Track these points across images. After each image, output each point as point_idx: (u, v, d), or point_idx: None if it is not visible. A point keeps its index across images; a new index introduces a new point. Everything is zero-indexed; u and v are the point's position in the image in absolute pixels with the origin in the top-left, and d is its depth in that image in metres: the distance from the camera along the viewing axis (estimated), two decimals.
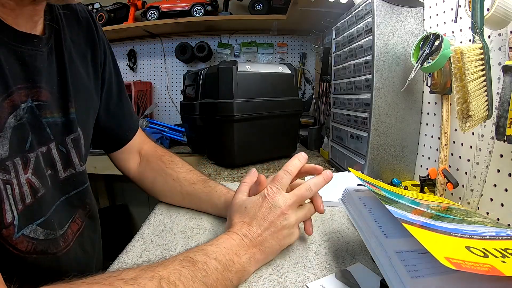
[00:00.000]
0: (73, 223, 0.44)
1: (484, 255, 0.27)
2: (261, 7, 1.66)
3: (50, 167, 0.41)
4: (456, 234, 0.31)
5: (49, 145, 0.40)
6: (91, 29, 0.50)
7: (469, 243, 0.29)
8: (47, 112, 0.40)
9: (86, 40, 0.50)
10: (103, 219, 0.55)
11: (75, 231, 0.44)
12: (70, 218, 0.44)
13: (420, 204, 0.43)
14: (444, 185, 0.62)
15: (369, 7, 0.74)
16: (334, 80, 1.04)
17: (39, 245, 0.37)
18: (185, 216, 0.60)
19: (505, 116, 0.45)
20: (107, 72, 0.55)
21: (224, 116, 0.97)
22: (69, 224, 0.43)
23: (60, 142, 0.42)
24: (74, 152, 0.44)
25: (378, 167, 0.76)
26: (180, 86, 1.79)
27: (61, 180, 0.42)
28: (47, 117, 0.40)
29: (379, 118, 0.75)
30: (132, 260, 0.46)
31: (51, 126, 0.41)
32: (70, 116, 0.43)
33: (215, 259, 0.36)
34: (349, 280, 0.40)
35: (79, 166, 0.45)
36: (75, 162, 0.44)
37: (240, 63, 1.01)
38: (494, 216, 0.53)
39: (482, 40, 0.49)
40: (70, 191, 0.44)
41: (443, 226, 0.33)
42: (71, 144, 0.44)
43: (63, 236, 0.41)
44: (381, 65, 0.73)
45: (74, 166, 0.44)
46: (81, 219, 0.46)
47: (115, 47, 2.00)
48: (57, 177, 0.42)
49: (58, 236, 0.40)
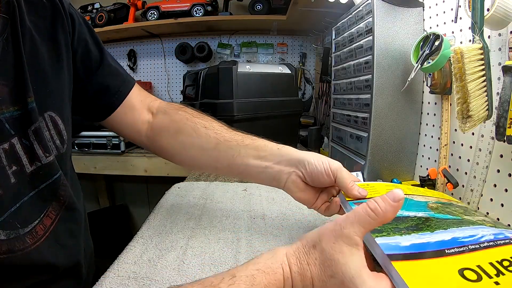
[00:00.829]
0: (46, 217, 0.43)
1: (478, 278, 0.26)
2: (261, 7, 1.66)
3: (14, 164, 0.39)
4: (451, 251, 0.30)
5: (11, 140, 0.39)
6: (54, 4, 0.48)
7: (463, 262, 0.28)
8: (4, 107, 0.39)
9: (52, 18, 0.48)
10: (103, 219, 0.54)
11: (48, 225, 0.43)
12: (42, 213, 0.42)
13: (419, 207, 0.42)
14: (444, 185, 0.62)
15: (369, 7, 0.74)
16: (334, 80, 1.04)
17: (3, 246, 0.36)
18: (185, 216, 0.60)
19: (505, 116, 0.45)
20: (77, 42, 0.52)
21: (224, 116, 0.97)
22: (40, 219, 0.42)
23: (23, 136, 0.41)
24: (36, 144, 0.42)
25: (378, 167, 0.76)
26: (180, 86, 1.79)
27: (28, 174, 0.41)
28: (4, 113, 0.39)
29: (379, 118, 0.75)
30: (132, 260, 0.46)
31: (10, 121, 0.39)
32: (29, 107, 0.41)
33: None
34: None
35: (44, 158, 0.43)
36: (39, 154, 0.42)
37: (240, 63, 1.02)
38: (494, 216, 0.53)
39: (482, 40, 0.49)
40: (39, 185, 0.42)
41: (438, 241, 0.31)
42: (33, 136, 0.42)
43: (30, 233, 0.40)
44: (381, 65, 0.73)
45: (39, 158, 0.42)
46: (55, 212, 0.45)
47: (115, 47, 2.00)
48: (23, 172, 0.40)
49: (23, 234, 0.39)
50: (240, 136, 0.55)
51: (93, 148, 1.57)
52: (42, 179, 0.43)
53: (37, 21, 0.45)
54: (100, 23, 1.71)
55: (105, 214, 1.96)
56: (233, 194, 0.74)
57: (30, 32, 0.44)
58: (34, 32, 0.44)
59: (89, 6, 1.80)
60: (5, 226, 0.37)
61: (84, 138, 1.57)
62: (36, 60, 0.44)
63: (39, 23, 0.45)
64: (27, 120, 0.41)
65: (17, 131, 0.40)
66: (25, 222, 0.40)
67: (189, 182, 0.86)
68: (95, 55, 0.55)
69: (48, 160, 0.43)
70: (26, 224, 0.40)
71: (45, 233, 0.42)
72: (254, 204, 0.67)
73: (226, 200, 0.70)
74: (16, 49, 0.41)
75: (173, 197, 0.72)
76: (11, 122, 0.39)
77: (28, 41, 0.43)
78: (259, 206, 0.66)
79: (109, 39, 1.93)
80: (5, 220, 0.37)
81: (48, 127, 0.45)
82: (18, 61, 0.41)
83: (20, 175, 0.40)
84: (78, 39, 0.52)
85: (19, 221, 0.39)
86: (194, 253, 0.47)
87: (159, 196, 0.74)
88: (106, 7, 1.75)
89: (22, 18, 0.43)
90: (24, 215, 0.40)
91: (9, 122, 0.39)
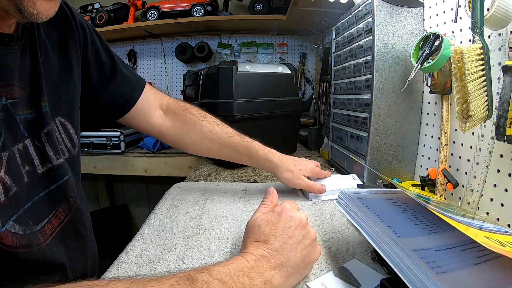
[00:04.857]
0: (54, 217, 0.44)
1: (502, 245, 0.29)
2: (261, 7, 1.66)
3: (27, 164, 0.41)
4: (472, 225, 0.34)
5: (24, 141, 0.41)
6: (65, 15, 0.51)
7: (484, 234, 0.31)
8: (19, 109, 0.40)
9: (62, 28, 0.50)
10: (103, 219, 0.55)
11: (56, 225, 0.44)
12: (51, 212, 0.44)
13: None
14: (444, 185, 0.62)
15: (369, 7, 0.74)
16: (334, 80, 1.04)
17: (22, 239, 0.37)
18: (185, 216, 0.60)
19: (505, 116, 0.45)
20: (90, 52, 0.55)
21: (224, 116, 0.97)
22: (49, 219, 0.43)
23: (36, 138, 0.43)
24: (48, 146, 0.44)
25: (378, 167, 0.76)
26: (180, 86, 1.79)
27: (39, 175, 0.43)
28: (20, 114, 0.40)
29: (379, 118, 0.75)
30: (132, 260, 0.46)
31: (24, 123, 0.41)
32: (42, 110, 0.43)
33: (219, 280, 0.32)
34: (347, 276, 0.40)
35: (55, 160, 0.45)
36: (50, 156, 0.44)
37: (240, 63, 1.02)
38: (494, 216, 0.53)
39: (482, 40, 0.49)
40: (50, 186, 0.44)
41: (461, 219, 0.34)
42: (45, 139, 0.44)
43: (40, 231, 0.41)
44: (381, 65, 0.73)
45: (50, 160, 0.44)
46: (64, 213, 0.46)
47: (115, 47, 2.00)
48: (35, 172, 0.42)
49: (35, 231, 0.40)
50: (236, 143, 0.68)
51: (93, 148, 1.57)
52: (52, 180, 0.45)
53: (49, 30, 0.48)
54: (100, 23, 1.71)
55: (105, 214, 1.96)
56: (233, 194, 0.74)
57: (44, 41, 0.46)
58: (47, 41, 0.47)
59: (89, 6, 1.80)
60: (21, 222, 0.38)
61: (84, 138, 1.57)
62: (47, 67, 0.46)
63: (51, 32, 0.48)
64: (41, 123, 0.43)
65: (30, 133, 0.42)
66: (36, 220, 0.41)
67: (189, 182, 0.86)
68: (107, 64, 0.59)
69: (58, 162, 0.45)
70: (37, 222, 0.41)
71: (52, 233, 0.43)
72: (254, 204, 0.67)
73: (226, 200, 0.70)
74: (33, 55, 0.43)
75: (173, 197, 0.72)
76: (25, 124, 0.41)
77: (43, 48, 0.45)
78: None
79: (109, 39, 1.93)
80: (20, 216, 0.38)
81: (59, 131, 0.47)
82: (35, 66, 0.43)
83: (32, 175, 0.41)
84: (91, 50, 0.56)
85: (32, 219, 0.40)
86: (194, 253, 0.47)
87: (159, 196, 0.74)
88: (106, 7, 1.75)
89: (39, 27, 0.45)
90: (35, 213, 0.41)
91: (23, 124, 0.41)
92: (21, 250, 0.37)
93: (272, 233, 0.38)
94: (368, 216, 0.39)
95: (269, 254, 0.36)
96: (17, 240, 0.37)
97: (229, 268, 0.33)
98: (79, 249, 0.49)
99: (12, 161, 0.38)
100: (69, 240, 0.46)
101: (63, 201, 0.46)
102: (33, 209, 0.41)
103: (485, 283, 0.28)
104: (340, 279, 0.40)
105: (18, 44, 0.41)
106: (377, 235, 0.36)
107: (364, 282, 0.39)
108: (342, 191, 0.46)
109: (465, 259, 0.31)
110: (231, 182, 0.86)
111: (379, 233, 0.36)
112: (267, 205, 0.46)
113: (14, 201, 0.38)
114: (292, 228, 0.39)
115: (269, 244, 0.37)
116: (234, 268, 0.34)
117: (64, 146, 0.47)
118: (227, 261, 0.35)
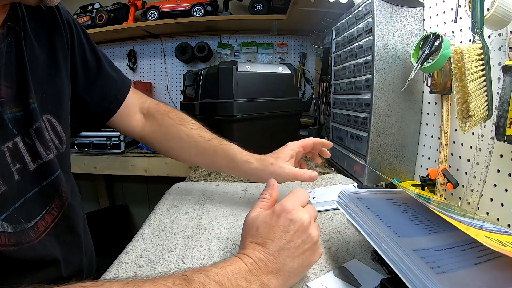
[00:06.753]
0: (48, 213, 0.44)
1: (502, 244, 0.29)
2: (261, 7, 1.66)
3: (18, 161, 0.41)
4: (472, 225, 0.34)
5: (14, 139, 0.41)
6: (53, 13, 0.50)
7: (485, 234, 0.31)
8: (7, 108, 0.40)
9: (50, 25, 0.50)
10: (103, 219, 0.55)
11: (50, 221, 0.44)
12: (45, 209, 0.44)
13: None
14: (444, 185, 0.62)
15: (369, 7, 0.74)
16: (334, 80, 1.04)
17: (11, 238, 0.37)
18: (185, 216, 0.60)
19: (505, 116, 0.45)
20: (76, 51, 0.55)
21: (224, 116, 0.97)
22: (42, 215, 0.43)
23: (26, 135, 0.43)
24: (38, 142, 0.44)
25: (378, 167, 0.76)
26: (180, 86, 1.79)
27: (31, 172, 0.43)
28: (7, 113, 0.40)
29: (379, 118, 0.75)
30: (132, 260, 0.46)
31: (13, 121, 0.41)
32: (30, 107, 0.43)
33: (216, 281, 0.32)
34: (347, 276, 0.40)
35: (46, 155, 0.45)
36: (40, 152, 0.44)
37: (240, 63, 1.02)
38: (494, 216, 0.53)
39: (482, 40, 0.49)
40: (42, 182, 0.44)
41: (461, 219, 0.35)
42: (35, 135, 0.44)
43: (32, 228, 0.41)
44: (381, 65, 0.73)
45: (40, 156, 0.44)
46: (57, 209, 0.46)
47: (115, 47, 2.00)
48: (26, 170, 0.42)
49: (27, 229, 0.40)
50: (214, 146, 0.65)
51: (93, 148, 1.57)
52: (44, 176, 0.45)
53: (36, 27, 0.47)
54: (100, 23, 1.71)
55: (105, 214, 1.97)
56: (233, 194, 0.74)
57: (30, 38, 0.46)
58: (33, 38, 0.46)
59: (89, 6, 1.80)
60: (11, 220, 0.38)
61: (84, 138, 1.57)
62: (34, 64, 0.45)
63: (38, 30, 0.47)
64: (29, 119, 0.43)
65: (20, 130, 0.42)
66: (28, 217, 0.41)
67: (189, 182, 0.86)
68: (92, 63, 0.58)
69: (49, 158, 0.45)
70: (29, 219, 0.41)
71: (45, 230, 0.43)
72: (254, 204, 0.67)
73: (226, 200, 0.70)
74: (19, 53, 0.43)
75: (173, 197, 0.72)
76: (14, 122, 0.41)
77: (29, 46, 0.45)
78: None
79: (109, 39, 1.93)
80: (10, 214, 0.38)
81: (46, 128, 0.46)
82: (21, 64, 0.43)
83: (23, 173, 0.41)
84: (78, 48, 0.55)
85: (23, 216, 0.40)
86: (194, 253, 0.47)
87: (159, 196, 0.74)
88: (106, 7, 1.75)
89: (25, 25, 0.45)
90: (28, 210, 0.41)
91: (12, 122, 0.41)
92: (11, 248, 0.37)
93: (269, 237, 0.38)
94: (368, 216, 0.39)
95: (266, 258, 0.36)
96: (6, 239, 0.37)
97: (226, 270, 0.33)
98: (73, 245, 0.49)
99: (1, 160, 0.38)
100: (63, 236, 0.46)
101: (56, 197, 0.46)
102: (25, 206, 0.41)
103: (485, 283, 0.28)
104: (340, 279, 0.40)
105: (4, 43, 0.40)
106: (377, 235, 0.36)
107: (364, 282, 0.39)
108: (342, 191, 0.46)
109: (465, 259, 0.31)
110: (231, 182, 0.86)
111: (379, 233, 0.36)
112: (266, 199, 0.44)
113: (3, 200, 0.37)
114: (291, 233, 0.38)
115: (266, 248, 0.37)
116: (232, 270, 0.34)
117: (52, 143, 0.47)
118: (225, 262, 0.35)
